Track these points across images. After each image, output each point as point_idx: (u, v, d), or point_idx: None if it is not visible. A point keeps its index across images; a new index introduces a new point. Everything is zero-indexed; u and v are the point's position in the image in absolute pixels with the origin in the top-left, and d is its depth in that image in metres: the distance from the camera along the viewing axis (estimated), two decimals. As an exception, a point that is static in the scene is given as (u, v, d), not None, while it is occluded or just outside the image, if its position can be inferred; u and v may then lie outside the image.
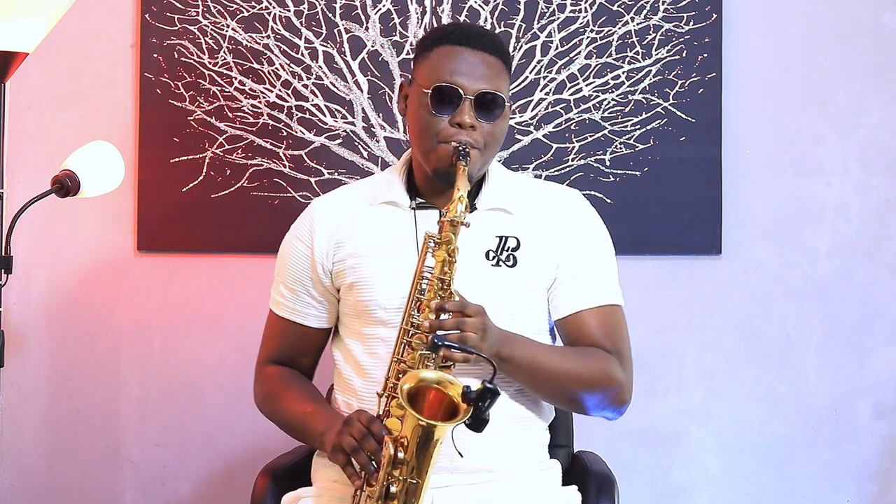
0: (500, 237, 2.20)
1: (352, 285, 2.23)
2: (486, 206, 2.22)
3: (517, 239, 2.20)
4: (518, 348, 2.12)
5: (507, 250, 2.20)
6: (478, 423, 1.91)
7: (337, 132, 3.12)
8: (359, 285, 2.22)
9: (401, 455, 1.95)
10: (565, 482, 2.33)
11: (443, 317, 2.02)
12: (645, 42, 3.09)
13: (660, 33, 3.09)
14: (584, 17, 3.09)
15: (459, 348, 1.97)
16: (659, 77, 3.09)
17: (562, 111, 3.10)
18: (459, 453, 2.03)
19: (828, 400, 3.14)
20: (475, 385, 1.92)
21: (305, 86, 3.12)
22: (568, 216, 2.26)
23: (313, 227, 2.29)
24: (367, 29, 3.11)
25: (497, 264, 2.19)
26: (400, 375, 2.02)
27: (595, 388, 2.18)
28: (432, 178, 2.20)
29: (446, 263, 2.05)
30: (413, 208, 2.23)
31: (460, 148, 2.11)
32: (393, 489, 1.95)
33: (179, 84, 3.12)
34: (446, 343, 1.96)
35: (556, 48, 3.10)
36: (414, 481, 1.95)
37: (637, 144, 3.10)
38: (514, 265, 2.19)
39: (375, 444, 1.99)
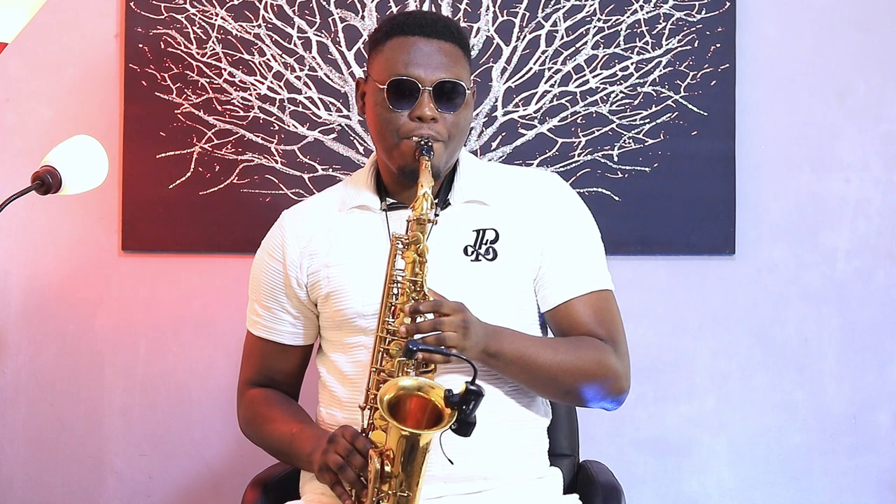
0: (478, 230, 2.19)
1: (328, 296, 2.23)
2: (461, 200, 2.22)
3: (495, 231, 2.19)
4: (506, 342, 2.10)
5: (485, 243, 2.18)
6: (464, 427, 1.89)
7: (331, 126, 3.10)
8: (334, 295, 2.22)
9: (388, 469, 1.93)
10: (569, 492, 2.32)
11: (420, 319, 2.02)
12: (655, 31, 3.08)
13: (670, 22, 3.07)
14: (591, 6, 3.08)
15: (435, 351, 1.95)
16: (669, 68, 3.08)
17: (567, 104, 3.08)
18: (450, 461, 1.99)
19: (847, 407, 3.13)
20: (458, 387, 1.90)
21: (298, 77, 3.10)
22: (547, 201, 2.24)
23: (284, 241, 2.29)
24: (362, 18, 3.10)
25: (476, 259, 2.18)
26: (380, 385, 2.01)
27: (591, 378, 2.16)
28: (399, 177, 2.19)
29: (416, 264, 2.04)
30: (384, 210, 2.24)
31: (422, 142, 2.11)
32: None
33: (166, 76, 3.11)
34: (421, 347, 1.94)
35: (562, 38, 3.08)
36: (405, 494, 1.94)
37: (646, 139, 3.08)
38: (494, 258, 2.18)
39: (362, 459, 1.99)
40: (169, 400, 3.15)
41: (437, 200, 2.20)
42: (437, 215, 2.13)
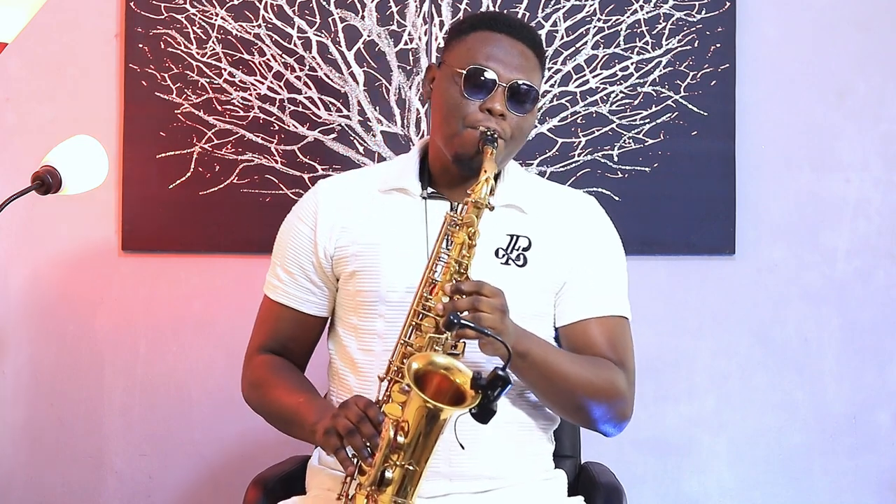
0: (512, 235, 2.19)
1: (353, 274, 2.19)
2: (501, 203, 2.20)
3: (529, 239, 2.19)
4: (534, 345, 2.09)
5: (517, 249, 2.18)
6: (485, 412, 1.87)
7: (331, 126, 3.09)
8: (360, 274, 2.18)
9: (401, 439, 1.91)
10: (572, 494, 2.31)
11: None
12: (655, 31, 3.07)
13: (670, 22, 3.07)
14: (591, 6, 3.07)
15: (475, 328, 1.92)
16: (670, 68, 3.07)
17: (567, 104, 3.08)
18: (461, 445, 1.98)
19: (847, 407, 3.13)
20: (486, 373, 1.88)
21: (298, 77, 3.09)
22: (582, 222, 2.25)
23: (317, 208, 2.25)
24: (363, 18, 3.09)
25: (506, 262, 2.17)
26: (405, 360, 1.98)
27: (602, 398, 2.15)
28: (450, 167, 2.18)
29: (465, 246, 2.02)
30: (424, 197, 2.21)
31: (488, 133, 2.10)
32: (389, 475, 1.92)
33: (166, 76, 3.10)
34: (463, 322, 1.90)
35: (562, 38, 3.08)
36: (412, 468, 1.91)
37: (646, 139, 3.07)
38: (524, 265, 2.18)
39: (372, 428, 1.94)
40: (169, 400, 3.14)
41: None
42: (492, 208, 2.09)
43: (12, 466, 3.17)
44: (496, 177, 2.20)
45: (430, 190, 2.21)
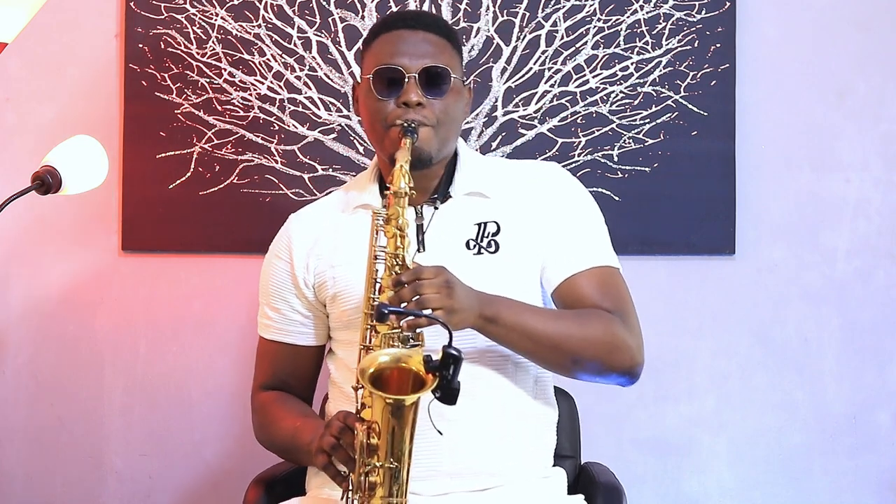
0: (479, 224, 2.20)
1: (335, 297, 2.24)
2: (462, 192, 2.22)
3: (497, 223, 2.20)
4: (504, 308, 2.08)
5: (487, 236, 2.19)
6: (448, 393, 1.84)
7: (331, 126, 3.09)
8: (341, 296, 2.23)
9: (373, 440, 1.90)
10: (572, 493, 2.31)
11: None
12: (655, 31, 3.07)
13: (670, 22, 3.06)
14: (591, 6, 3.07)
15: (408, 312, 1.91)
16: (670, 68, 3.06)
17: (567, 104, 3.07)
18: (438, 431, 1.95)
19: (847, 407, 3.12)
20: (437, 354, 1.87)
21: (298, 77, 3.09)
22: (547, 190, 2.25)
23: (290, 243, 2.31)
24: (363, 18, 3.08)
25: (479, 252, 2.18)
26: None
27: (598, 348, 2.13)
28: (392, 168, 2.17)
29: (397, 238, 2.02)
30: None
31: (405, 125, 2.12)
32: (372, 478, 1.92)
33: (166, 76, 3.09)
34: (392, 309, 1.89)
35: (562, 38, 3.07)
36: (393, 465, 1.90)
37: (646, 139, 3.07)
38: (496, 251, 2.19)
39: (353, 435, 1.96)
40: (169, 400, 3.14)
41: (437, 194, 2.22)
42: (436, 209, 2.17)
43: (12, 466, 3.16)
44: (452, 168, 2.23)
45: None
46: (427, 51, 2.15)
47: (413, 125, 2.11)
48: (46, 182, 2.56)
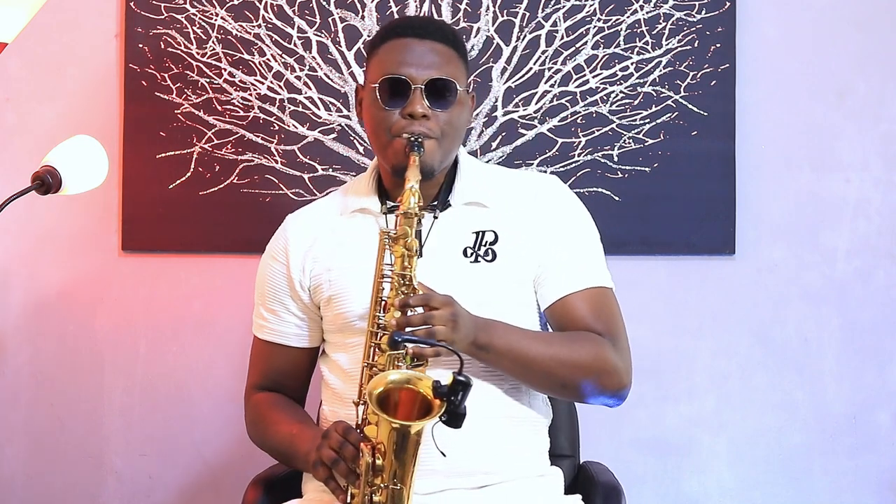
0: (477, 232, 2.20)
1: (329, 300, 2.25)
2: (461, 202, 2.23)
3: (494, 232, 2.20)
4: (497, 335, 2.09)
5: (484, 245, 2.19)
6: (454, 418, 1.87)
7: (331, 126, 3.09)
8: (336, 299, 2.23)
9: (379, 461, 1.92)
10: (570, 493, 2.31)
11: (410, 313, 2.00)
12: (655, 31, 3.07)
13: (670, 22, 3.06)
14: (591, 6, 3.07)
15: (421, 341, 1.95)
16: (670, 68, 3.06)
17: (567, 104, 3.07)
18: (442, 453, 1.98)
19: (847, 407, 3.12)
20: (447, 379, 1.89)
21: (298, 77, 3.09)
22: (545, 203, 2.25)
23: (287, 244, 2.30)
24: (362, 18, 3.09)
25: (476, 261, 2.18)
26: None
27: (587, 372, 2.14)
28: (393, 176, 2.20)
29: (405, 258, 2.04)
30: (385, 213, 2.24)
31: (412, 139, 2.11)
32: (376, 498, 1.93)
33: (166, 76, 3.10)
34: (405, 338, 1.93)
35: (562, 38, 3.07)
36: (397, 487, 1.93)
37: (646, 139, 3.07)
38: (493, 259, 2.19)
39: (354, 450, 1.98)
40: (169, 400, 3.14)
41: (436, 202, 2.22)
42: (436, 217, 2.17)
43: (12, 466, 3.16)
44: (452, 177, 2.23)
45: (389, 204, 2.22)
46: (434, 61, 2.13)
47: (419, 139, 2.10)
48: (46, 182, 2.55)
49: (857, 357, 3.10)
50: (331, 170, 3.06)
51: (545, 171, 3.03)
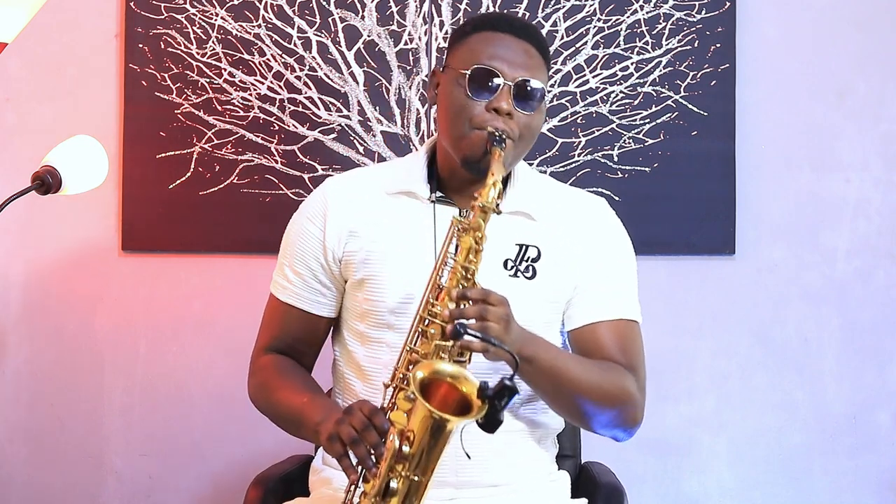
0: (521, 245, 2.15)
1: (361, 282, 2.16)
2: (510, 209, 2.15)
3: (538, 248, 2.15)
4: (542, 350, 2.05)
5: (526, 260, 2.15)
6: (491, 422, 1.83)
7: (331, 126, 3.08)
8: (369, 283, 2.15)
9: (406, 449, 1.86)
10: (573, 495, 2.30)
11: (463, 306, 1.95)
12: (655, 31, 3.07)
13: (670, 22, 3.06)
14: (591, 6, 3.07)
15: (482, 338, 1.88)
16: (670, 68, 3.06)
17: (567, 104, 3.07)
18: (467, 454, 1.96)
19: (847, 407, 3.12)
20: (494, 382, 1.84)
21: (298, 77, 3.08)
22: (593, 226, 2.22)
23: (326, 209, 2.21)
24: (363, 18, 3.08)
25: (515, 275, 2.14)
26: (411, 366, 1.95)
27: (612, 403, 2.12)
28: (459, 170, 2.13)
29: (472, 251, 1.97)
30: (432, 201, 2.16)
31: (496, 134, 2.05)
32: (394, 485, 1.87)
33: (166, 76, 3.09)
34: (469, 331, 1.86)
35: (562, 38, 3.07)
36: (416, 478, 1.88)
37: (646, 139, 3.07)
38: (532, 277, 2.14)
39: (377, 436, 1.90)
40: (169, 400, 3.13)
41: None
42: (500, 212, 2.04)
43: (12, 466, 3.15)
44: (505, 181, 2.15)
45: (438, 194, 2.16)
46: (526, 63, 2.09)
47: (503, 135, 2.05)
48: (46, 182, 2.56)
49: (857, 357, 3.11)
50: (331, 170, 3.05)
51: (545, 172, 3.02)
